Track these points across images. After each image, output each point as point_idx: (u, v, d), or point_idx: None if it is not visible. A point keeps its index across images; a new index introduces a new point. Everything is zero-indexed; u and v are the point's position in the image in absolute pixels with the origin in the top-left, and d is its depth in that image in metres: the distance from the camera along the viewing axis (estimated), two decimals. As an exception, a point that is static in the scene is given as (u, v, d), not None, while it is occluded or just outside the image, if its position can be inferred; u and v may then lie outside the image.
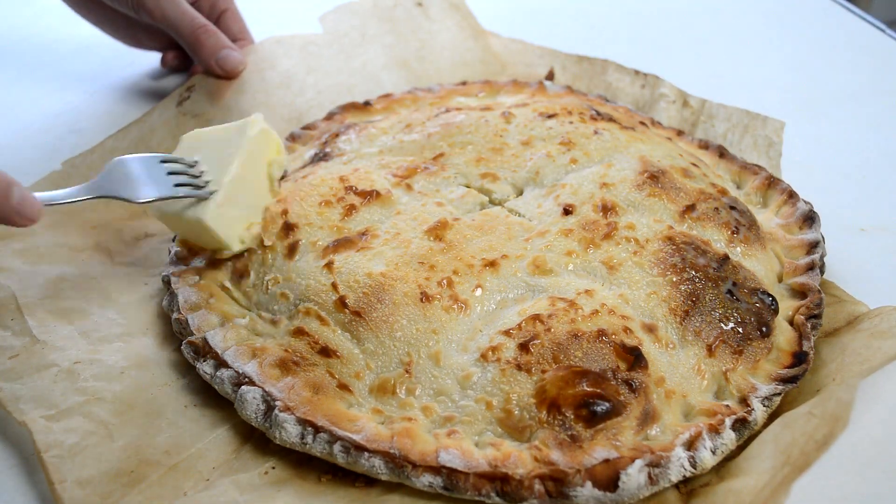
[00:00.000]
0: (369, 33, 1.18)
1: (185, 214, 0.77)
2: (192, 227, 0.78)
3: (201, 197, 0.77)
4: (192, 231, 0.79)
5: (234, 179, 0.78)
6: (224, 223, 0.78)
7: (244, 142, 0.80)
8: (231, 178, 0.78)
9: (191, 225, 0.78)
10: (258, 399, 0.67)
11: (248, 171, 0.80)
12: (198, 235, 0.79)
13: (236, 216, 0.79)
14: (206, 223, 0.76)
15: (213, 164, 0.79)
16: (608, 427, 0.64)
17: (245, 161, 0.80)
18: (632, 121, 0.97)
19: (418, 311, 0.71)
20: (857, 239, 0.88)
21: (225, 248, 0.79)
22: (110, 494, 0.63)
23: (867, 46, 1.27)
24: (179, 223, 0.79)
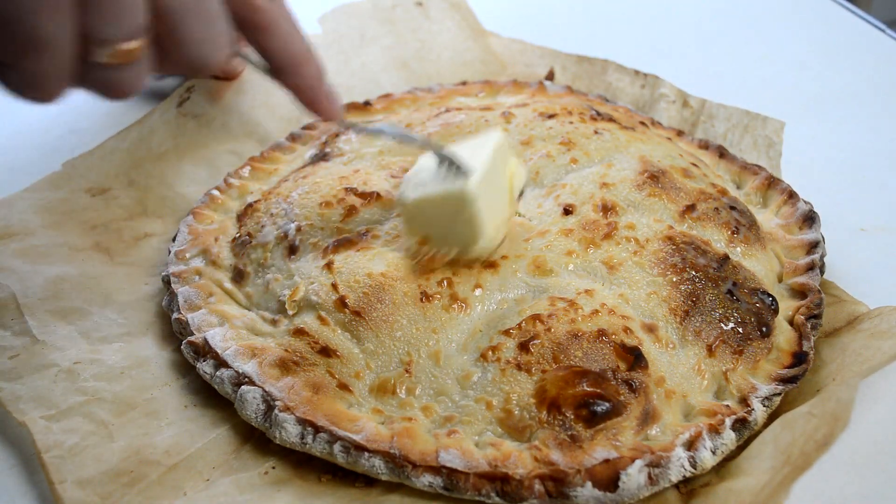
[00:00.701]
0: (368, 34, 1.18)
1: (444, 189, 0.70)
2: (448, 208, 0.70)
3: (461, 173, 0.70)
4: (445, 215, 0.71)
5: (490, 168, 0.72)
6: (484, 206, 0.70)
7: (490, 143, 0.74)
8: (487, 165, 0.71)
9: (447, 203, 0.70)
10: (258, 399, 0.67)
11: (496, 171, 0.74)
12: (449, 220, 0.71)
13: (491, 208, 0.72)
14: (469, 194, 0.69)
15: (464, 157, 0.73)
16: (608, 427, 0.64)
17: (494, 159, 0.73)
18: (632, 121, 0.97)
19: (418, 311, 0.71)
20: (857, 239, 0.88)
21: (478, 237, 0.71)
22: (110, 494, 0.63)
23: (867, 46, 1.27)
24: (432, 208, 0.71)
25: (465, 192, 0.69)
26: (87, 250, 0.87)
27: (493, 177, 0.73)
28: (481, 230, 0.71)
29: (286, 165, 0.97)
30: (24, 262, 0.83)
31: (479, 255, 0.73)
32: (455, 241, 0.72)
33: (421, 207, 0.72)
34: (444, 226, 0.72)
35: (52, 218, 0.89)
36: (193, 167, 0.99)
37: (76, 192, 0.92)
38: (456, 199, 0.70)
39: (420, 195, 0.71)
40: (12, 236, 0.86)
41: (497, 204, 0.74)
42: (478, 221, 0.70)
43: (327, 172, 0.89)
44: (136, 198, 0.94)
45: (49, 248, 0.85)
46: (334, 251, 0.78)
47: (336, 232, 0.80)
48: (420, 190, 0.72)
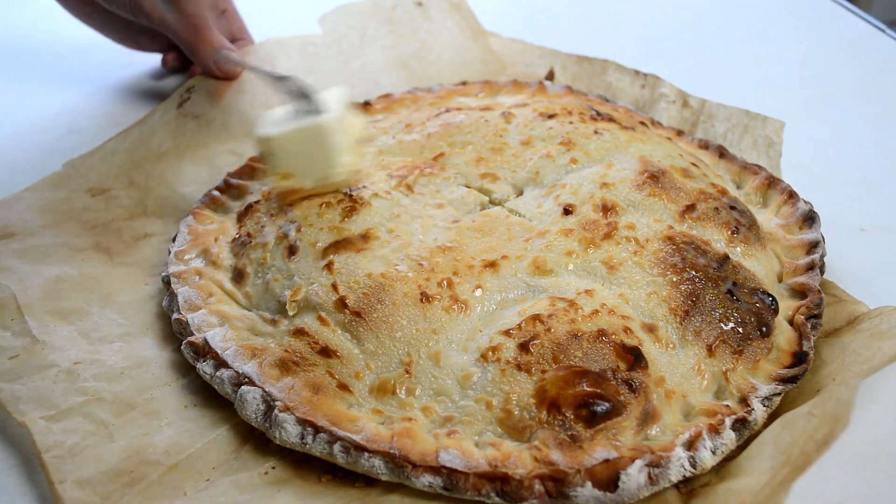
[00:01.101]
0: (369, 34, 1.19)
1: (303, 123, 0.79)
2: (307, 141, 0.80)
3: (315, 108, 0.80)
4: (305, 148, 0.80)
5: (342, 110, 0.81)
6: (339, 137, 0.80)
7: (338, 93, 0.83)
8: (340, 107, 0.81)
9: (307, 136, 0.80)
10: (258, 399, 0.67)
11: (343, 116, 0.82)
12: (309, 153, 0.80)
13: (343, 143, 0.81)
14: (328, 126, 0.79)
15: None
16: (608, 427, 0.64)
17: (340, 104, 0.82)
18: (632, 121, 0.97)
19: (418, 312, 0.71)
20: (857, 239, 0.88)
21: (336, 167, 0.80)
22: (110, 494, 0.63)
23: (867, 46, 1.27)
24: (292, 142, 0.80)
25: (324, 123, 0.79)
26: (87, 250, 0.87)
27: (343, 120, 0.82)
28: (338, 157, 0.80)
29: (286, 165, 0.97)
30: (24, 262, 0.83)
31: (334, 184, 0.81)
32: (314, 169, 0.81)
33: (282, 142, 0.80)
34: (304, 158, 0.80)
35: (52, 218, 0.89)
36: (193, 167, 0.99)
37: (76, 193, 0.93)
38: (317, 130, 0.79)
39: (282, 130, 0.79)
40: (12, 236, 0.86)
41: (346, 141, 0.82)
42: (335, 149, 0.79)
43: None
44: (136, 198, 0.94)
45: (49, 248, 0.85)
46: (334, 252, 0.78)
47: (336, 232, 0.80)
48: (280, 126, 0.79)
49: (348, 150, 0.82)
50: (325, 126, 0.79)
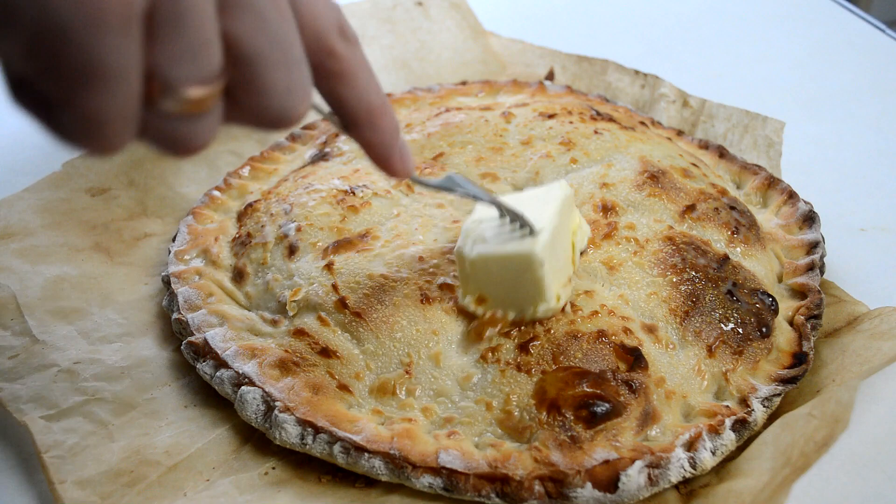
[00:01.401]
0: (368, 34, 1.18)
1: (509, 249, 0.66)
2: (511, 268, 0.66)
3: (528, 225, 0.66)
4: (508, 275, 0.67)
5: (555, 228, 0.68)
6: (548, 267, 0.66)
7: (555, 199, 0.70)
8: (552, 225, 0.67)
9: (511, 263, 0.66)
10: (258, 399, 0.67)
11: (560, 229, 0.70)
12: (512, 281, 0.67)
13: (555, 268, 0.68)
14: (537, 257, 0.65)
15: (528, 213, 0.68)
16: (608, 428, 0.64)
17: (559, 217, 0.69)
18: (632, 121, 0.97)
19: (418, 313, 0.71)
20: (857, 239, 0.88)
21: (542, 300, 0.67)
22: (110, 495, 0.63)
23: (867, 46, 1.27)
24: (493, 266, 0.67)
25: (532, 254, 0.65)
26: (87, 250, 0.86)
27: (558, 235, 0.69)
28: (545, 294, 0.67)
29: (286, 165, 0.97)
30: (24, 262, 0.83)
31: (539, 318, 0.69)
32: (515, 302, 0.68)
33: (482, 265, 0.67)
34: (505, 286, 0.68)
35: (52, 218, 0.89)
36: (193, 167, 0.99)
37: (76, 192, 0.92)
38: (522, 260, 0.65)
39: (482, 252, 0.67)
40: (12, 236, 0.86)
41: (560, 264, 0.70)
42: (542, 285, 0.66)
43: (327, 172, 0.89)
44: (136, 198, 0.94)
45: (49, 248, 0.85)
46: (335, 252, 0.78)
47: (336, 232, 0.80)
48: (482, 246, 0.67)
49: (558, 281, 0.69)
50: (534, 257, 0.65)
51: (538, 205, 0.69)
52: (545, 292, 0.67)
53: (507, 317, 0.69)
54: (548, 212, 0.68)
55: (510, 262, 0.66)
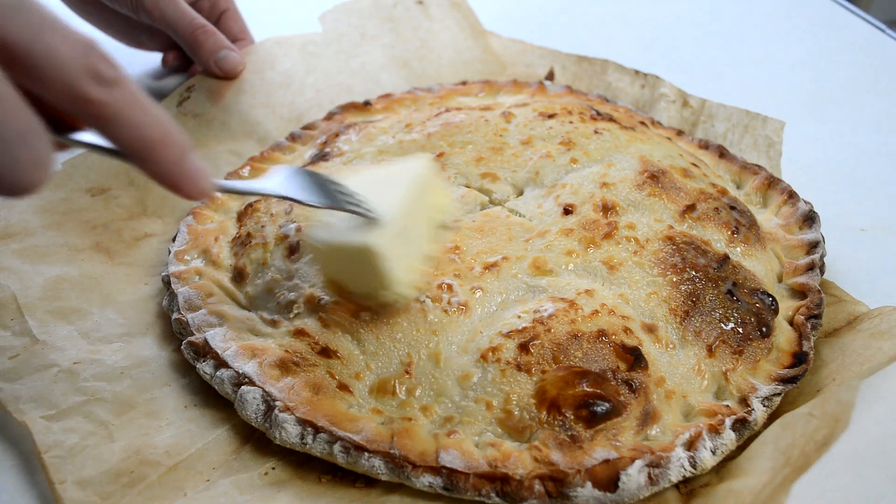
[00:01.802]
0: (369, 33, 1.18)
1: (349, 240, 0.66)
2: (354, 259, 0.66)
3: (368, 217, 0.66)
4: (352, 264, 0.67)
5: (403, 212, 0.67)
6: (390, 255, 0.65)
7: (410, 177, 0.70)
8: (400, 209, 0.67)
9: (353, 255, 0.66)
10: (258, 399, 0.67)
11: (414, 209, 0.69)
12: (356, 270, 0.67)
13: (401, 253, 0.67)
14: (374, 249, 0.64)
15: (377, 198, 0.68)
16: (608, 427, 0.64)
17: (412, 196, 0.69)
18: (632, 121, 0.97)
19: (419, 313, 0.71)
20: (857, 239, 0.88)
21: (386, 287, 0.67)
22: (110, 495, 0.63)
23: (867, 46, 1.27)
24: (339, 256, 0.68)
25: (368, 246, 0.64)
26: (87, 250, 0.86)
27: (411, 218, 0.69)
28: (389, 280, 0.66)
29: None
30: (24, 262, 0.83)
31: (394, 300, 0.69)
32: (364, 285, 0.69)
33: (327, 252, 0.69)
34: (351, 272, 0.69)
35: (52, 218, 0.89)
36: (193, 167, 0.99)
37: (76, 192, 0.92)
38: (360, 251, 0.65)
39: (326, 240, 0.67)
40: (12, 236, 0.86)
41: (412, 247, 0.69)
42: (385, 273, 0.66)
43: (327, 172, 0.89)
44: (136, 198, 0.94)
45: (49, 248, 0.85)
46: (334, 251, 0.78)
47: (336, 232, 0.80)
48: (327, 233, 0.67)
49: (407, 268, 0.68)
50: (371, 250, 0.65)
51: (391, 186, 0.69)
52: (389, 280, 0.66)
53: (358, 299, 0.71)
54: (399, 195, 0.68)
55: (351, 251, 0.66)
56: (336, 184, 0.68)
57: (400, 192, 0.68)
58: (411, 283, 0.69)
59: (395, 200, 0.67)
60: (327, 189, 0.67)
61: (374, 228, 0.65)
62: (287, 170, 0.68)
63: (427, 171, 0.72)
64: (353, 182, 0.69)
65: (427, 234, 0.72)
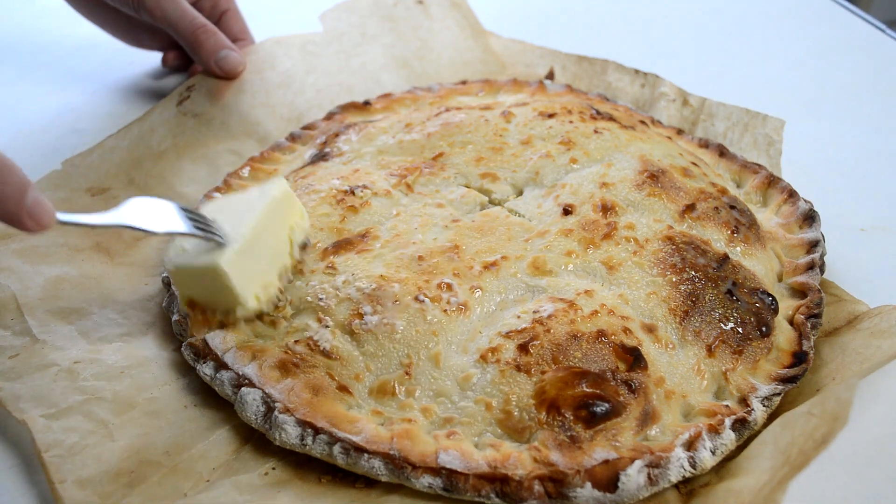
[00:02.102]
0: (369, 32, 1.18)
1: (198, 261, 0.70)
2: (205, 279, 0.71)
3: (217, 242, 0.71)
4: (204, 284, 0.72)
5: (253, 233, 0.72)
6: (240, 275, 0.71)
7: (264, 201, 0.75)
8: (250, 231, 0.72)
9: (203, 275, 0.71)
10: (258, 401, 0.67)
11: (267, 230, 0.74)
12: (209, 290, 0.72)
13: (253, 271, 0.72)
14: (221, 268, 0.69)
15: (232, 223, 0.73)
16: (608, 428, 0.64)
17: (264, 219, 0.74)
18: (632, 120, 0.97)
19: (418, 313, 0.71)
20: (857, 239, 0.88)
21: (237, 304, 0.72)
22: (110, 495, 0.63)
23: (867, 46, 1.27)
24: (190, 276, 0.73)
25: (216, 266, 0.69)
26: (87, 250, 0.87)
27: (260, 239, 0.73)
28: (240, 298, 0.71)
29: (286, 165, 0.97)
30: (24, 263, 0.83)
31: (246, 316, 0.73)
32: (218, 303, 0.73)
33: (180, 274, 0.73)
34: (205, 291, 0.73)
35: (52, 218, 0.89)
36: (193, 166, 0.99)
37: (76, 192, 0.92)
38: (210, 272, 0.70)
39: (178, 263, 0.72)
40: (12, 236, 0.86)
41: (262, 265, 0.74)
42: (235, 292, 0.70)
43: (327, 172, 0.89)
44: (136, 197, 0.94)
45: (49, 249, 0.85)
46: (334, 252, 0.78)
47: (336, 233, 0.80)
48: (181, 257, 0.72)
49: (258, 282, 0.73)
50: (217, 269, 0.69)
51: (244, 209, 0.74)
52: (239, 297, 0.71)
53: (216, 317, 0.74)
54: (250, 217, 0.73)
55: (202, 273, 0.70)
56: (189, 211, 0.72)
57: (251, 215, 0.73)
58: (260, 295, 0.73)
59: (246, 222, 0.72)
60: (178, 217, 0.71)
61: (223, 250, 0.70)
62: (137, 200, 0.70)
63: (281, 193, 0.76)
64: (209, 209, 0.75)
65: (282, 251, 0.76)
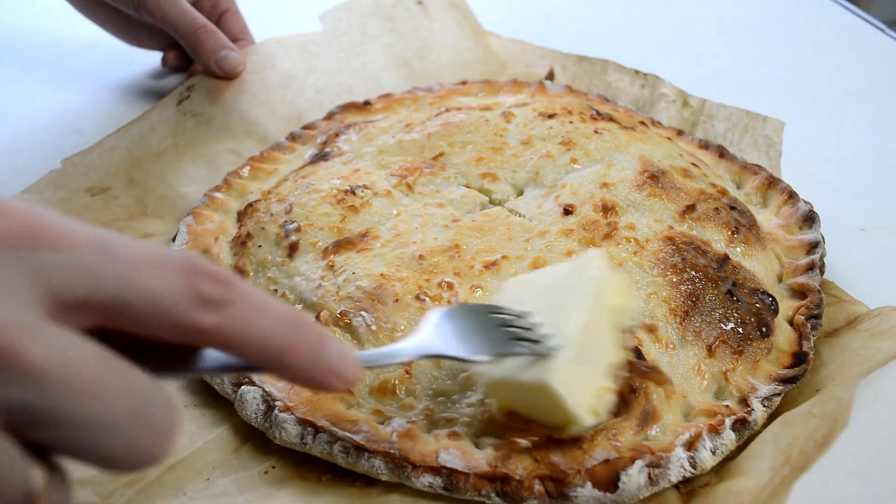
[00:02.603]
0: (369, 32, 1.18)
1: (522, 377, 0.58)
2: (531, 394, 0.59)
3: (542, 354, 0.58)
4: (529, 399, 0.61)
5: (582, 333, 0.59)
6: (572, 387, 0.58)
7: (586, 284, 0.61)
8: (578, 330, 0.59)
9: (529, 391, 0.59)
10: (258, 399, 0.67)
11: (593, 321, 0.60)
12: (535, 405, 0.61)
13: (584, 378, 0.60)
14: (552, 388, 0.57)
15: (548, 313, 0.61)
16: (608, 427, 0.63)
17: (590, 308, 0.60)
18: (632, 120, 0.97)
19: (419, 312, 0.71)
20: (857, 239, 0.88)
21: (572, 423, 0.60)
22: (110, 494, 0.63)
23: (867, 46, 1.27)
24: (513, 390, 0.61)
25: (545, 383, 0.57)
26: (87, 250, 0.86)
27: (587, 342, 0.60)
28: (574, 417, 0.59)
29: (286, 165, 0.97)
30: (24, 262, 0.82)
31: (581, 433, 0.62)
32: (546, 418, 0.61)
33: (501, 387, 0.62)
34: (531, 404, 0.61)
35: (52, 218, 0.89)
36: (193, 166, 0.99)
37: (76, 193, 0.92)
38: (537, 388, 0.58)
39: (498, 375, 0.60)
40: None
41: (594, 367, 0.61)
42: (567, 407, 0.58)
43: (327, 172, 0.89)
44: (136, 197, 0.94)
45: (49, 248, 0.85)
46: (335, 252, 0.78)
47: (336, 232, 0.80)
48: (496, 368, 0.60)
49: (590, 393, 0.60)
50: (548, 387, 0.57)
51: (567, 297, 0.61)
52: (573, 416, 0.59)
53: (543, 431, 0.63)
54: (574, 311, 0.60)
55: (527, 388, 0.59)
56: (501, 312, 0.61)
57: (577, 305, 0.60)
58: (596, 407, 0.60)
59: (572, 317, 0.60)
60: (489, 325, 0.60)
61: (551, 362, 0.58)
62: (438, 316, 0.60)
63: (602, 270, 0.62)
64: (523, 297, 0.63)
65: (610, 345, 0.62)
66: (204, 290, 0.43)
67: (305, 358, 0.47)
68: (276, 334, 0.45)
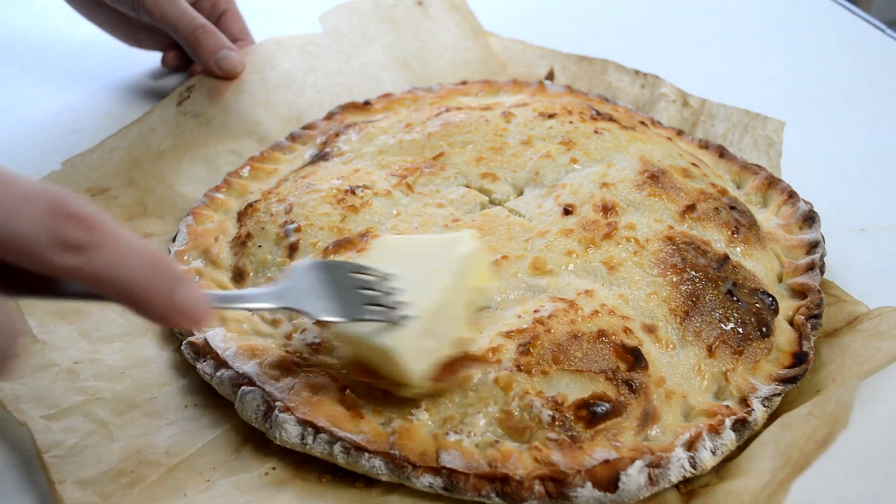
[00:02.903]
0: (369, 33, 1.18)
1: (370, 339, 0.63)
2: (377, 354, 0.64)
3: (392, 322, 0.63)
4: (376, 357, 0.65)
5: (435, 307, 0.64)
6: (415, 356, 0.63)
7: (452, 262, 0.66)
8: (432, 305, 0.64)
9: (375, 351, 0.64)
10: (258, 400, 0.67)
11: (450, 299, 0.65)
12: (381, 363, 0.65)
13: (428, 349, 0.64)
14: (395, 355, 0.62)
15: (411, 280, 0.65)
16: (608, 427, 0.64)
17: (450, 287, 0.65)
18: (632, 120, 0.97)
19: (418, 312, 0.71)
20: (857, 239, 0.88)
21: (409, 385, 0.64)
22: (110, 495, 0.63)
23: (867, 46, 1.27)
24: (363, 346, 0.65)
25: (389, 350, 0.62)
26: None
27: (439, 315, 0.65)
28: (410, 378, 0.64)
29: (286, 165, 0.97)
30: (24, 262, 0.82)
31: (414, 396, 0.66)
32: (387, 374, 0.66)
33: (353, 340, 0.66)
34: (376, 361, 0.66)
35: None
36: (193, 166, 0.99)
37: (76, 193, 0.92)
38: (382, 351, 0.63)
39: (352, 332, 0.64)
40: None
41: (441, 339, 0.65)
42: (406, 373, 0.63)
43: (327, 172, 0.89)
44: (136, 197, 0.94)
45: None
46: (335, 251, 0.78)
47: (336, 232, 0.80)
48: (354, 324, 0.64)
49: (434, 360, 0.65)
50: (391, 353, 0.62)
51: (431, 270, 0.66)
52: (411, 379, 0.64)
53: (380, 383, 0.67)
54: (434, 285, 0.65)
55: (373, 348, 0.64)
56: (364, 272, 0.64)
57: (439, 281, 0.65)
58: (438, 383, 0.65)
59: (431, 290, 0.64)
60: (350, 285, 0.63)
61: (400, 329, 0.62)
62: (300, 269, 0.63)
63: (471, 251, 0.67)
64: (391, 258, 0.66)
65: (462, 321, 0.67)
66: (67, 234, 0.47)
67: (158, 300, 0.52)
68: (133, 278, 0.50)
